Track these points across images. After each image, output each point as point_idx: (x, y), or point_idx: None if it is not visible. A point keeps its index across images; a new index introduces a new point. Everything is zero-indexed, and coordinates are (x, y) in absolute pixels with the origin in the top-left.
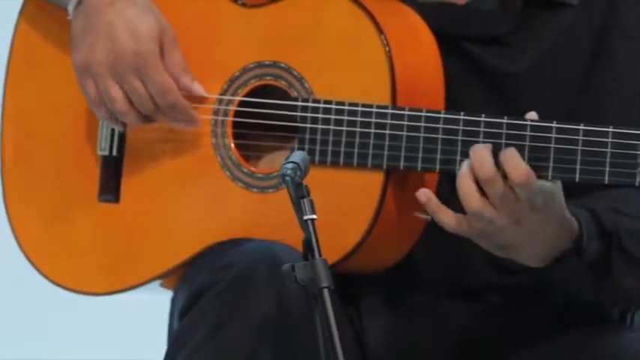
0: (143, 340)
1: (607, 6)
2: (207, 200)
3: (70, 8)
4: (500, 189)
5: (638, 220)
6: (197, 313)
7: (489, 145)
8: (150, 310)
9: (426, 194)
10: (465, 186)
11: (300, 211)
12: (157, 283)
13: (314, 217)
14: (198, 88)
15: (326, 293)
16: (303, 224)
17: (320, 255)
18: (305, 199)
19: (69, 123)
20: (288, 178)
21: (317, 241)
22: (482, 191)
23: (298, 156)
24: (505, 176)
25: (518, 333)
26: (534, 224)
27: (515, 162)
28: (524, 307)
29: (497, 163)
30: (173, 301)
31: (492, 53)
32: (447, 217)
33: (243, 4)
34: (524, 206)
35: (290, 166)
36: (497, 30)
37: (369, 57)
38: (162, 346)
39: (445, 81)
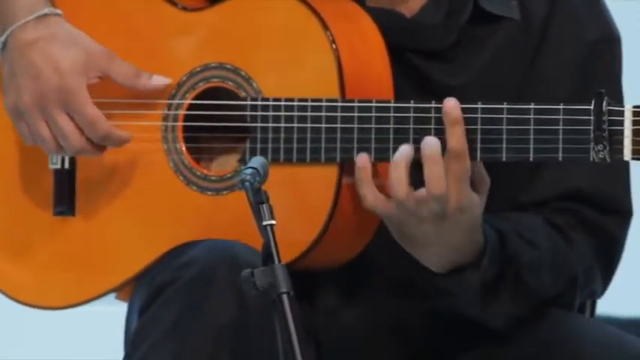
0: (99, 352)
1: (542, 24)
2: (162, 207)
3: None
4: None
5: (534, 249)
6: (156, 310)
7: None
8: (106, 321)
9: (363, 160)
10: (395, 175)
11: (259, 217)
12: (113, 296)
13: (273, 222)
14: (159, 80)
15: (285, 299)
16: (263, 230)
17: (279, 260)
18: (264, 205)
19: (19, 139)
20: (247, 183)
21: (276, 246)
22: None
23: (257, 161)
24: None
25: (472, 332)
26: (454, 228)
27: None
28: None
29: None
30: (130, 305)
31: (434, 67)
32: (368, 191)
33: (184, 8)
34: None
35: (249, 171)
36: (441, 45)
37: (315, 53)
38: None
39: None
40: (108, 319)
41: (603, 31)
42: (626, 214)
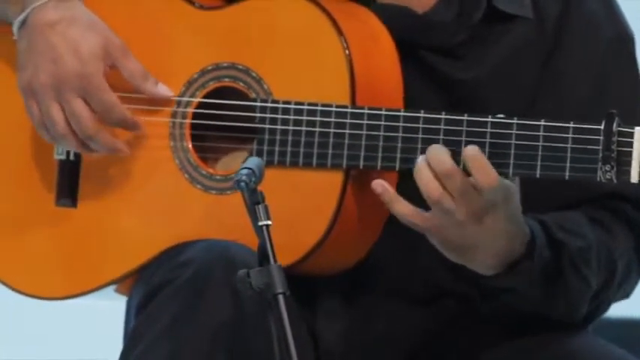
0: (98, 346)
1: (557, 21)
2: (165, 203)
3: (15, 29)
4: (459, 182)
5: (581, 238)
6: (153, 310)
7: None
8: (106, 315)
9: (381, 185)
10: (424, 175)
11: (254, 217)
12: (112, 288)
13: (269, 223)
14: (163, 90)
15: (281, 299)
16: (258, 230)
17: (275, 261)
18: (260, 205)
19: (26, 128)
20: (242, 184)
21: (272, 247)
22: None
23: (253, 162)
24: (467, 172)
25: (473, 337)
26: (494, 221)
27: (484, 167)
28: (479, 312)
29: (457, 162)
30: (129, 302)
31: (446, 62)
32: (403, 208)
33: (201, 7)
34: (485, 202)
35: (245, 172)
36: (452, 42)
37: (328, 57)
38: (117, 351)
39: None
40: (107, 314)
41: (619, 31)
42: None
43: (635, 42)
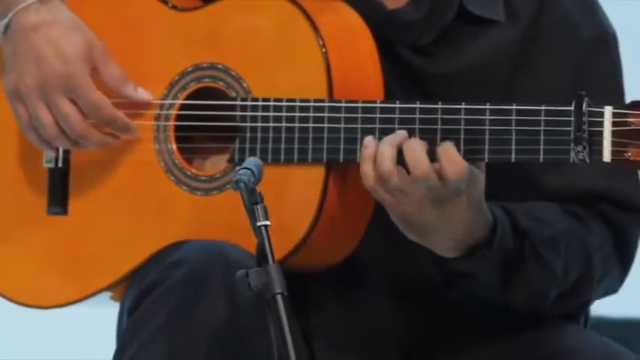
0: (92, 354)
1: (531, 22)
2: (153, 206)
3: None
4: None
5: (550, 227)
6: (147, 309)
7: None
8: (99, 323)
9: (370, 140)
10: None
11: (253, 218)
12: (107, 297)
13: (267, 223)
14: (143, 94)
15: (280, 299)
16: (257, 230)
17: (274, 261)
18: (258, 205)
19: (14, 137)
20: (242, 184)
21: (271, 247)
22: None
23: (251, 162)
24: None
25: (462, 332)
26: (455, 209)
27: (452, 156)
28: (468, 308)
29: (434, 153)
30: (121, 305)
31: (418, 59)
32: (369, 170)
33: (174, 7)
34: (449, 191)
35: (243, 172)
36: (419, 41)
37: (304, 53)
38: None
39: None
40: (100, 322)
41: (598, 29)
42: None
43: (617, 39)
